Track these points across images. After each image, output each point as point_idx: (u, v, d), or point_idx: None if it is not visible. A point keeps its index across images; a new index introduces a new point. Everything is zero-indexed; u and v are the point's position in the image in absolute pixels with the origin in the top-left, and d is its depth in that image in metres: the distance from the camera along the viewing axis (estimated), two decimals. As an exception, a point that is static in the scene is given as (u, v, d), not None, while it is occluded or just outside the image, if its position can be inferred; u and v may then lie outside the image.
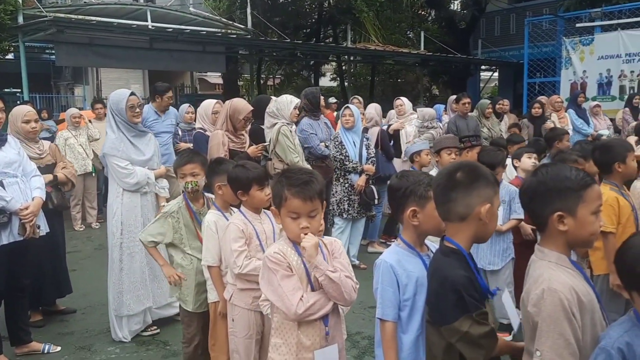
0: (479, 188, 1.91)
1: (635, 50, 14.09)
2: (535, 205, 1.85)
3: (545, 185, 1.82)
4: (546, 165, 1.92)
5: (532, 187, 1.86)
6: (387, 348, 2.19)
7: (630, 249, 1.71)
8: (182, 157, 3.63)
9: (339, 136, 6.13)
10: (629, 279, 1.70)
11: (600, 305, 1.85)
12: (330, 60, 17.59)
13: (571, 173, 1.82)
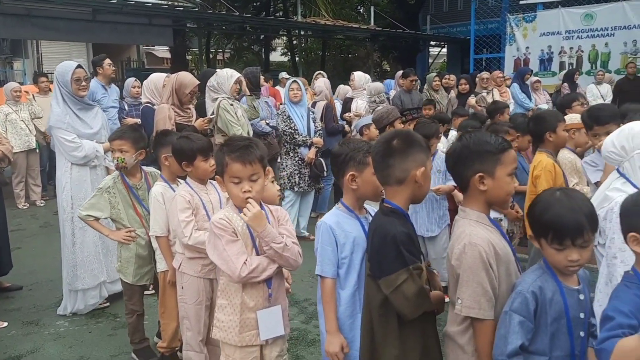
0: (413, 154, 2.06)
1: (574, 28, 14.65)
2: (459, 167, 2.01)
3: (468, 149, 1.98)
4: (468, 132, 2.09)
5: (457, 151, 2.02)
6: (326, 302, 2.35)
7: (538, 202, 1.90)
8: (114, 132, 3.65)
9: (286, 110, 6.20)
10: (537, 228, 1.89)
11: (515, 257, 2.04)
12: (280, 34, 17.49)
13: (491, 138, 2.00)
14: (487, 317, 1.91)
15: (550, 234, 1.82)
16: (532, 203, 1.93)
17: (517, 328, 1.81)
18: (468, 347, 1.99)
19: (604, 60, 14.25)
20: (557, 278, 1.87)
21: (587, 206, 1.84)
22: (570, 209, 1.80)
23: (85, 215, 3.50)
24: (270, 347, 2.44)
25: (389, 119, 4.57)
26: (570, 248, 1.79)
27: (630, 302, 1.69)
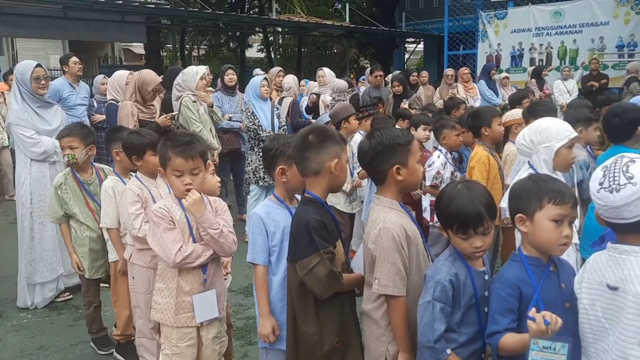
0: (328, 147, 2.23)
1: (544, 25, 14.98)
2: (376, 162, 2.19)
3: (383, 144, 2.16)
4: (377, 130, 2.26)
5: (372, 148, 2.19)
6: (259, 288, 2.51)
7: (444, 195, 2.08)
8: (62, 130, 3.77)
9: (250, 107, 6.33)
10: (443, 220, 2.07)
11: (423, 240, 2.23)
12: (257, 31, 17.58)
13: (398, 132, 2.18)
14: (401, 294, 2.10)
15: (455, 224, 1.99)
16: (438, 196, 2.11)
17: (440, 315, 1.97)
18: (382, 321, 2.18)
19: (573, 57, 14.59)
20: (466, 263, 2.05)
21: (485, 197, 2.01)
22: (470, 200, 1.98)
23: (52, 219, 3.65)
24: (206, 328, 2.60)
25: (343, 114, 4.74)
26: (474, 236, 1.97)
27: (508, 284, 1.89)
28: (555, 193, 1.86)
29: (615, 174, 1.65)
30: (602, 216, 1.71)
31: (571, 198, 1.86)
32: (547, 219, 1.86)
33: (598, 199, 1.68)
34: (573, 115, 3.94)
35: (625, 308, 1.62)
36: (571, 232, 1.88)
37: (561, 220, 1.85)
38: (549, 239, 1.87)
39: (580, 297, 1.78)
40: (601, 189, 1.67)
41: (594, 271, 1.74)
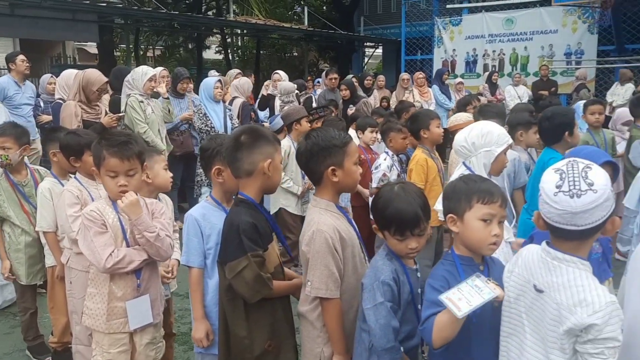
0: (260, 147, 2.21)
1: (496, 32, 15.38)
2: (312, 164, 2.18)
3: (318, 145, 2.15)
4: (314, 130, 2.26)
5: (308, 149, 2.18)
6: (193, 291, 2.47)
7: (381, 197, 2.09)
8: None
9: (202, 108, 6.27)
10: (382, 221, 2.08)
11: (360, 242, 2.24)
12: (214, 32, 17.39)
13: (335, 133, 2.18)
14: (334, 297, 2.10)
15: (393, 226, 2.01)
16: (375, 199, 2.13)
17: (392, 314, 1.98)
18: (317, 323, 2.18)
19: (524, 63, 15.04)
20: (401, 262, 2.08)
21: (420, 198, 2.05)
22: (407, 202, 2.00)
23: None
24: (140, 334, 2.53)
25: (294, 116, 4.75)
26: (410, 238, 2.00)
27: (439, 278, 1.91)
28: (484, 193, 1.87)
29: (575, 179, 1.59)
30: (552, 220, 1.63)
31: (499, 197, 1.88)
32: (476, 218, 1.87)
33: (554, 202, 1.59)
34: (514, 118, 4.06)
35: (547, 313, 1.65)
36: (500, 231, 1.89)
37: (490, 219, 1.87)
38: (478, 238, 1.88)
39: (507, 289, 1.80)
40: (559, 193, 1.59)
41: (525, 268, 1.76)
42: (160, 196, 2.98)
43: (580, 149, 2.59)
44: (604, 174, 1.61)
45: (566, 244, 1.65)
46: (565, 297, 1.61)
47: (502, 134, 2.81)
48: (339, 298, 2.12)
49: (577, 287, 1.61)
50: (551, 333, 1.63)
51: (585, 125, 5.13)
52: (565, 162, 1.65)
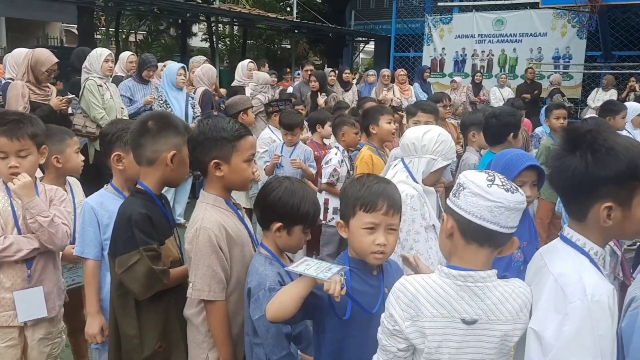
0: (166, 136, 2.06)
1: (486, 32, 15.24)
2: (197, 153, 2.02)
3: (204, 135, 2.00)
4: (208, 118, 2.12)
5: (194, 137, 2.03)
6: (88, 284, 2.33)
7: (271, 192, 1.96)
8: None
9: (163, 95, 6.10)
10: (268, 215, 1.98)
11: (253, 240, 2.10)
12: (200, 20, 17.12)
13: (228, 125, 2.02)
14: (218, 299, 1.95)
15: (282, 219, 1.93)
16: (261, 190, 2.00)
17: None
18: (202, 327, 2.03)
19: (512, 65, 14.92)
20: (281, 262, 1.95)
21: (311, 195, 1.97)
22: (293, 193, 1.91)
23: None
24: (32, 329, 2.39)
25: (239, 107, 4.60)
26: (298, 232, 1.96)
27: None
28: (367, 200, 1.73)
29: (503, 179, 1.50)
30: (475, 216, 1.46)
31: (384, 205, 1.73)
32: (358, 227, 1.75)
33: (488, 193, 1.44)
34: (467, 118, 3.92)
35: (485, 341, 1.48)
36: (386, 239, 1.74)
37: (373, 228, 1.74)
38: (361, 247, 1.76)
39: (419, 340, 1.49)
40: (494, 185, 1.46)
41: (441, 306, 1.48)
42: (70, 180, 2.84)
43: (508, 151, 2.44)
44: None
45: (479, 256, 1.49)
46: (508, 311, 1.48)
47: (452, 149, 2.65)
48: (224, 301, 1.97)
49: (511, 295, 1.50)
50: (493, 357, 1.50)
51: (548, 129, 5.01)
52: (486, 171, 1.55)
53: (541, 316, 1.46)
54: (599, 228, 1.45)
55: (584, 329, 1.36)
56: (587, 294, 1.37)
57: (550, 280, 1.47)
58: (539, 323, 1.45)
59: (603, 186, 1.40)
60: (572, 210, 1.50)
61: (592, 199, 1.42)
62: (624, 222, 1.42)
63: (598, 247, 1.47)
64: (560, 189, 1.50)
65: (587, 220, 1.46)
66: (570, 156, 1.44)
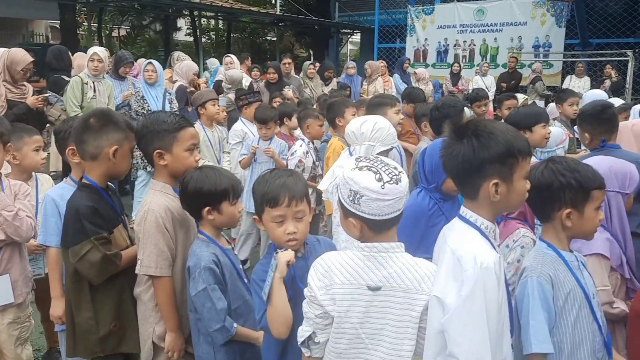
0: (108, 132, 2.23)
1: (468, 22, 15.38)
2: (142, 145, 2.23)
3: (147, 128, 2.19)
4: (152, 112, 2.29)
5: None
6: (51, 270, 2.52)
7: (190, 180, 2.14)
8: None
9: (140, 91, 6.24)
10: (193, 199, 2.15)
11: (197, 224, 2.28)
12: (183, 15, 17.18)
13: (168, 118, 2.21)
14: (164, 275, 2.15)
15: (211, 203, 2.12)
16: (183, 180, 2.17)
17: (219, 294, 2.06)
18: (150, 303, 2.23)
19: (493, 54, 15.07)
20: (217, 243, 2.15)
21: (224, 172, 2.19)
22: (210, 176, 2.13)
23: None
24: (0, 314, 2.56)
25: (201, 100, 4.76)
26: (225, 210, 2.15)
27: (259, 273, 1.95)
28: (270, 196, 1.89)
29: (385, 167, 1.63)
30: (380, 215, 1.61)
31: (286, 198, 1.86)
32: (269, 221, 1.92)
33: (385, 194, 1.58)
34: (419, 110, 4.09)
35: (391, 307, 1.64)
36: (296, 227, 1.89)
37: (282, 220, 1.90)
38: (275, 238, 1.94)
39: (331, 307, 1.66)
40: (386, 184, 1.59)
41: (349, 274, 1.66)
42: (40, 177, 3.00)
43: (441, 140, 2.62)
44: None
45: (386, 235, 1.67)
46: (409, 281, 1.65)
47: (391, 134, 2.83)
48: (171, 277, 2.16)
49: (413, 267, 1.67)
50: (399, 324, 1.65)
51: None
52: (359, 159, 1.67)
53: (442, 285, 1.64)
54: (489, 204, 1.63)
55: (475, 292, 1.54)
56: (477, 262, 1.56)
57: (449, 253, 1.65)
58: (440, 290, 1.63)
59: (488, 165, 1.58)
60: (466, 191, 1.68)
61: (480, 178, 1.60)
62: (509, 195, 1.61)
63: (489, 222, 1.66)
64: (453, 174, 1.69)
65: (478, 198, 1.64)
66: (458, 144, 1.62)
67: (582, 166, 1.84)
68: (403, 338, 1.63)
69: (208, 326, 2.05)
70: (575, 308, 1.75)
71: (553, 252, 1.81)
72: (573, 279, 1.78)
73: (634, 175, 2.33)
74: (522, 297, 1.76)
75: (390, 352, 1.64)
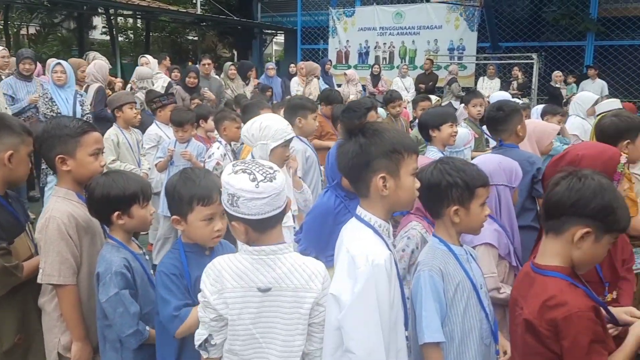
0: (2, 137, 2.15)
1: (387, 25, 15.84)
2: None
3: (48, 133, 2.15)
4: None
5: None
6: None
7: None
8: None
9: (48, 92, 5.97)
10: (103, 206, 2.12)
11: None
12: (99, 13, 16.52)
13: (71, 122, 2.18)
14: (68, 283, 2.10)
15: (120, 207, 2.10)
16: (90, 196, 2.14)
17: (130, 299, 2.04)
18: (54, 313, 2.17)
19: (412, 57, 15.63)
20: (129, 249, 2.15)
21: (132, 175, 2.18)
22: (124, 182, 2.11)
23: None
24: None
25: (118, 102, 4.65)
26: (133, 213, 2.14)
27: (168, 266, 1.99)
28: (202, 195, 1.93)
29: (259, 167, 1.68)
30: (260, 214, 1.65)
31: (218, 195, 1.90)
32: (198, 220, 1.95)
33: (260, 193, 1.62)
34: (336, 111, 4.20)
35: (281, 307, 1.70)
36: (222, 224, 1.96)
37: (211, 218, 1.95)
38: (202, 236, 1.98)
39: (225, 310, 1.71)
40: (260, 183, 1.63)
41: (239, 278, 1.71)
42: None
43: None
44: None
45: (271, 234, 1.72)
46: (297, 280, 1.70)
47: (280, 130, 2.88)
48: (75, 285, 2.12)
49: (301, 267, 1.72)
50: (290, 321, 1.70)
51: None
52: (235, 164, 1.71)
53: (338, 282, 1.72)
54: (380, 201, 1.73)
55: (367, 288, 1.63)
56: (369, 260, 1.65)
57: (344, 251, 1.74)
58: (336, 288, 1.71)
59: (376, 160, 1.69)
60: (358, 188, 1.77)
61: (369, 172, 1.70)
62: (398, 191, 1.71)
63: (382, 220, 1.76)
64: (346, 172, 1.78)
65: (370, 195, 1.74)
66: (348, 143, 1.72)
67: (468, 166, 1.98)
68: (294, 334, 1.70)
69: (120, 331, 2.03)
70: (464, 298, 1.89)
71: (444, 247, 1.94)
72: (462, 271, 1.91)
73: (518, 172, 2.53)
74: (416, 290, 1.88)
75: (284, 349, 1.71)
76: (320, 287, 1.71)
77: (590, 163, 2.21)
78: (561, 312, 1.55)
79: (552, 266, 1.66)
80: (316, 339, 1.73)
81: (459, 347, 1.88)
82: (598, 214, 1.59)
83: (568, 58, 13.59)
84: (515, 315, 1.74)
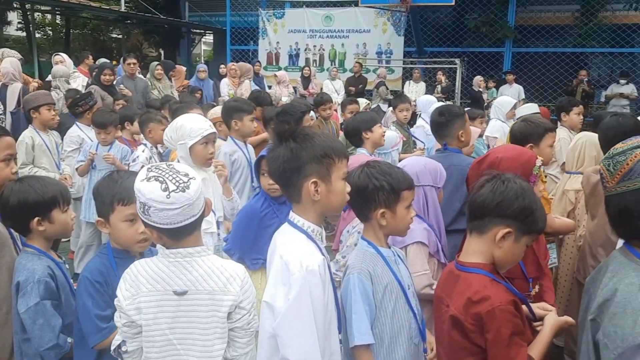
0: None
1: (317, 27, 15.95)
2: None
3: None
4: None
5: None
6: None
7: None
8: None
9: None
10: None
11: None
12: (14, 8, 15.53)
13: None
14: None
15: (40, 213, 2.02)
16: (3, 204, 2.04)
17: (52, 311, 1.95)
18: None
19: (341, 60, 15.82)
20: (50, 256, 2.05)
21: (49, 180, 2.10)
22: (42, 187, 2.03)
23: None
24: None
25: (35, 103, 4.41)
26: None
27: (94, 272, 1.90)
28: (122, 194, 1.87)
29: (173, 175, 1.60)
30: (172, 224, 1.60)
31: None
32: (120, 220, 1.89)
33: (171, 204, 1.56)
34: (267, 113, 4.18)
35: (198, 310, 1.66)
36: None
37: (134, 219, 1.88)
38: (126, 239, 1.92)
39: (137, 316, 1.66)
40: (172, 193, 1.57)
41: (155, 281, 1.67)
42: None
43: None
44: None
45: (188, 240, 1.68)
46: (214, 283, 1.66)
47: (195, 128, 2.85)
48: None
49: (219, 269, 1.69)
50: (207, 325, 1.66)
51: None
52: (150, 169, 1.64)
53: (272, 289, 1.70)
54: (312, 205, 1.73)
55: (302, 294, 1.63)
56: (302, 266, 1.64)
57: (277, 257, 1.72)
58: (270, 296, 1.70)
59: (306, 165, 1.69)
60: (290, 194, 1.76)
61: (301, 178, 1.70)
62: (329, 195, 1.72)
63: (315, 225, 1.76)
64: (277, 177, 1.77)
65: (302, 200, 1.73)
66: (279, 148, 1.71)
67: (394, 169, 2.02)
68: (213, 339, 1.67)
69: (39, 345, 1.91)
70: (393, 299, 1.93)
71: (372, 249, 1.97)
72: (390, 273, 1.95)
73: (442, 172, 2.62)
74: (346, 293, 1.89)
75: (202, 354, 1.67)
76: (239, 290, 1.68)
77: (509, 165, 2.31)
78: (484, 306, 1.61)
79: (476, 263, 1.73)
80: (240, 344, 1.70)
81: (388, 348, 1.92)
82: (519, 214, 1.67)
83: (488, 63, 14.26)
84: (441, 313, 1.79)
